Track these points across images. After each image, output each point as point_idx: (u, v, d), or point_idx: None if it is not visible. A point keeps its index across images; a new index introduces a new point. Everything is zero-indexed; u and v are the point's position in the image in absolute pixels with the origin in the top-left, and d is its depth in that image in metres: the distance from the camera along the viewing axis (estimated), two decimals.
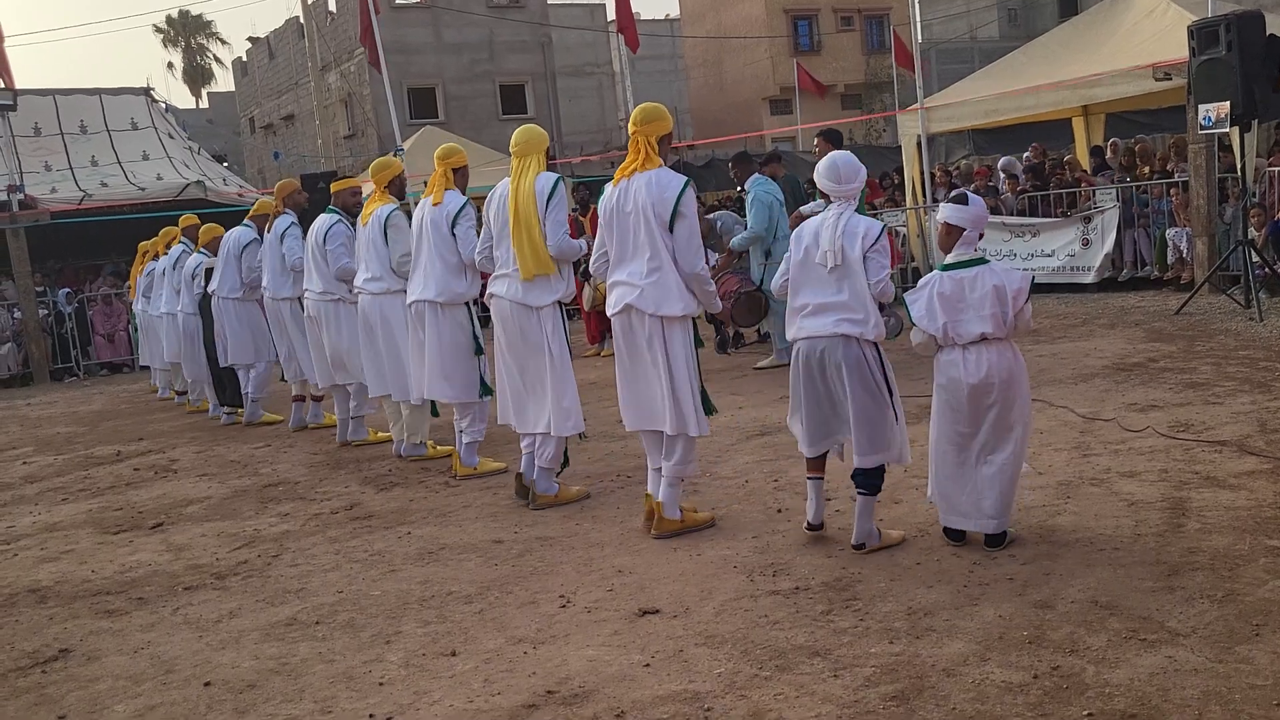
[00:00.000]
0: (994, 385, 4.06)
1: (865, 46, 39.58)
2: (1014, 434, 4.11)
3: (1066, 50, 13.26)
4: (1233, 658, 3.07)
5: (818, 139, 8.75)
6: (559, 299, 5.39)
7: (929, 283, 4.17)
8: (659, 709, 3.12)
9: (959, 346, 4.10)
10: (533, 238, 5.23)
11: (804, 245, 4.33)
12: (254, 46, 40.99)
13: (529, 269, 5.27)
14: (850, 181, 4.32)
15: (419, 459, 7.00)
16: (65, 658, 4.04)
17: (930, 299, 4.12)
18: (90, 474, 7.84)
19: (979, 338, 4.07)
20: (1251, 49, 8.83)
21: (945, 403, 4.18)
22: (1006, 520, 4.15)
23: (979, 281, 4.06)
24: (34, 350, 15.21)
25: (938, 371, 4.20)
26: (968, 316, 4.07)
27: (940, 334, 4.11)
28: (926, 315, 4.12)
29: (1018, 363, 4.14)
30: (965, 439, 4.14)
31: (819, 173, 4.41)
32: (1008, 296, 4.04)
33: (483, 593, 4.29)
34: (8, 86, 15.40)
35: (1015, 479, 4.15)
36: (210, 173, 18.74)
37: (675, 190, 4.61)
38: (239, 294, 8.98)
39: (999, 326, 4.05)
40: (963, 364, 4.09)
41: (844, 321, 4.20)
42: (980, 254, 4.16)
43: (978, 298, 4.05)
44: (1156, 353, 7.95)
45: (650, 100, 5.29)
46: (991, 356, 4.07)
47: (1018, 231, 12.50)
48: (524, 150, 5.36)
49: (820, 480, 4.48)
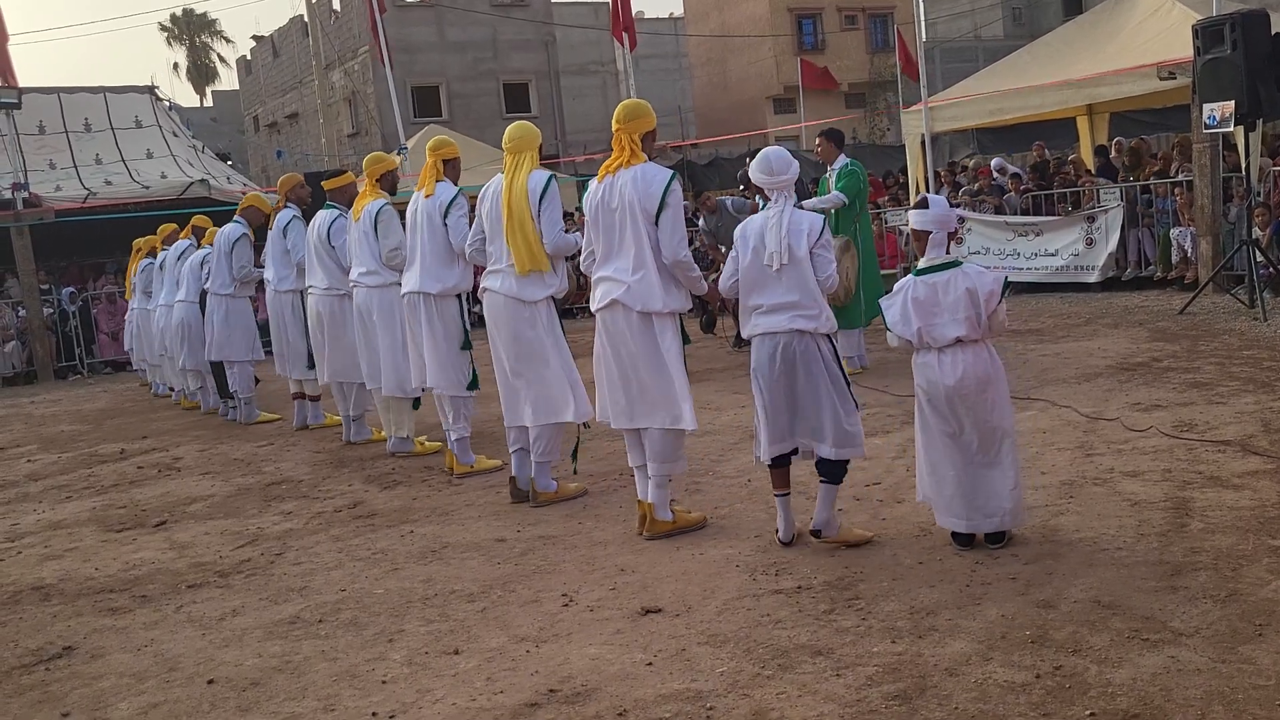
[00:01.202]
0: (970, 388, 4.05)
1: (869, 45, 39.53)
2: (998, 434, 4.09)
3: (1071, 49, 13.25)
4: (1236, 658, 3.07)
5: (819, 138, 8.72)
6: (553, 294, 5.42)
7: (903, 288, 4.18)
8: (661, 708, 3.12)
9: (934, 350, 4.10)
10: (526, 234, 5.26)
11: (751, 245, 4.37)
12: (258, 45, 41.07)
13: (524, 264, 5.30)
14: (783, 173, 4.36)
15: (407, 455, 7.10)
16: (69, 655, 4.05)
17: (905, 304, 4.12)
18: (94, 472, 7.85)
19: (954, 341, 4.06)
20: (1256, 48, 8.81)
21: (927, 404, 4.18)
22: (1010, 520, 4.13)
23: (952, 285, 4.05)
24: (38, 348, 15.24)
25: (916, 374, 4.21)
26: (942, 320, 4.06)
27: (915, 339, 4.11)
28: (901, 320, 4.14)
29: (994, 364, 4.12)
30: (954, 438, 4.13)
31: (753, 170, 4.47)
32: (980, 299, 4.02)
33: (485, 591, 4.30)
34: (12, 85, 15.43)
35: (1016, 478, 4.12)
36: (214, 171, 18.76)
37: (661, 183, 4.62)
38: (230, 290, 9.04)
39: (973, 329, 4.04)
40: (938, 366, 4.09)
41: (798, 318, 4.26)
42: (953, 256, 4.16)
43: (951, 301, 4.04)
44: (1160, 352, 7.94)
45: (654, 98, 5.30)
46: (967, 359, 4.06)
47: (1021, 231, 12.48)
48: (517, 147, 5.38)
49: (787, 496, 4.48)
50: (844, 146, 8.64)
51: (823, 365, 4.29)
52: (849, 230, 8.24)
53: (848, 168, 8.33)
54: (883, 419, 6.63)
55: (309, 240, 7.61)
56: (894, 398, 7.17)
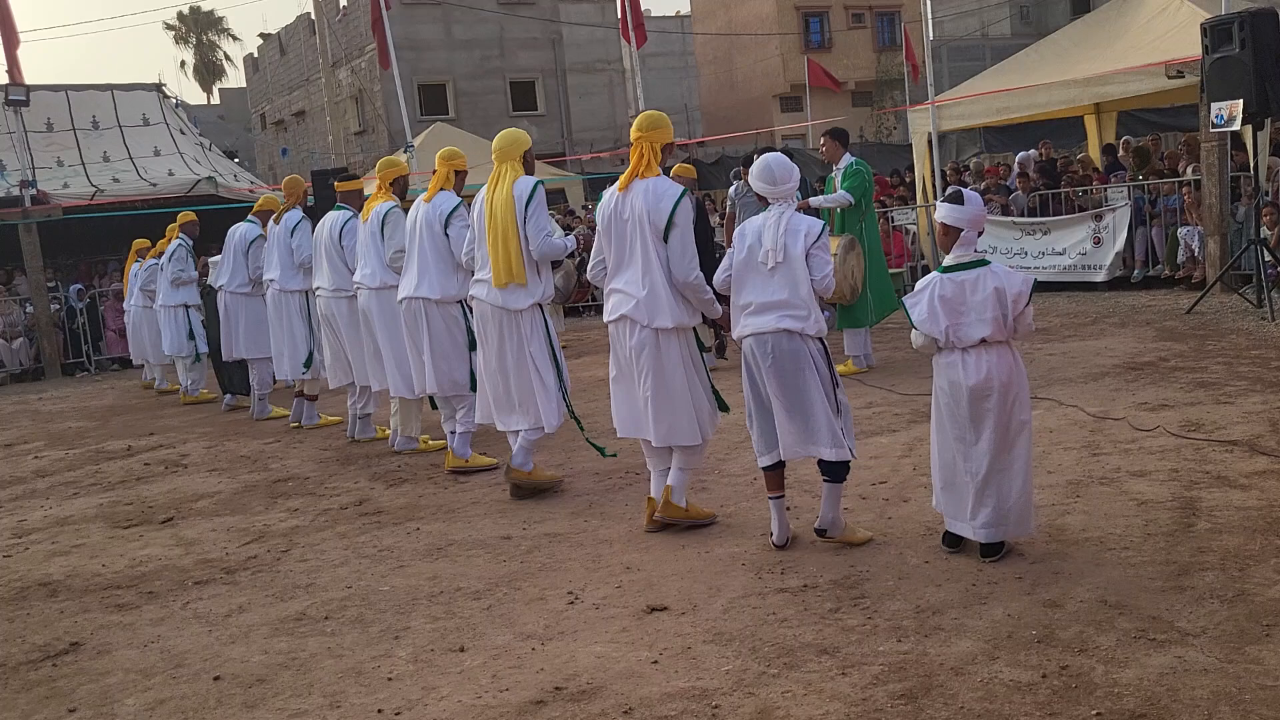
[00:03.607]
0: (994, 388, 4.00)
1: (876, 43, 39.47)
2: (1016, 437, 4.03)
3: (1078, 47, 13.20)
4: (1243, 658, 3.06)
5: (824, 137, 8.70)
6: (537, 301, 5.46)
7: (929, 285, 4.11)
8: (667, 706, 3.12)
9: (959, 349, 4.06)
10: (508, 245, 5.30)
11: (747, 244, 4.36)
12: (265, 43, 41.10)
13: (500, 277, 5.36)
14: (785, 182, 4.35)
15: (412, 453, 7.14)
16: (76, 651, 4.06)
17: (931, 302, 4.06)
18: (101, 468, 7.87)
19: (979, 341, 4.02)
20: (1265, 47, 8.78)
21: (945, 406, 4.12)
22: (1014, 529, 4.04)
23: (980, 284, 3.99)
24: (45, 345, 15.27)
25: (937, 374, 4.16)
26: (969, 320, 4.01)
27: (943, 338, 4.07)
28: (929, 319, 4.06)
29: (1018, 366, 4.08)
30: (967, 445, 4.05)
31: (754, 176, 4.44)
32: (1008, 299, 3.97)
33: (491, 589, 4.30)
34: (20, 82, 15.46)
35: (1025, 487, 4.03)
36: (221, 168, 18.80)
37: (671, 200, 4.61)
38: (247, 289, 9.16)
39: (999, 330, 3.99)
40: (962, 366, 4.04)
41: (786, 318, 4.23)
42: (981, 254, 4.11)
43: (979, 301, 3.99)
44: (1167, 352, 7.92)
45: (660, 97, 5.32)
46: (991, 359, 4.01)
47: (1029, 230, 12.46)
48: (501, 156, 5.43)
49: (781, 499, 4.46)
50: (849, 145, 8.63)
51: (813, 366, 4.25)
52: (854, 229, 8.23)
53: (853, 167, 8.32)
54: (889, 418, 6.63)
55: (319, 240, 7.63)
56: (901, 396, 7.16)
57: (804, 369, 4.24)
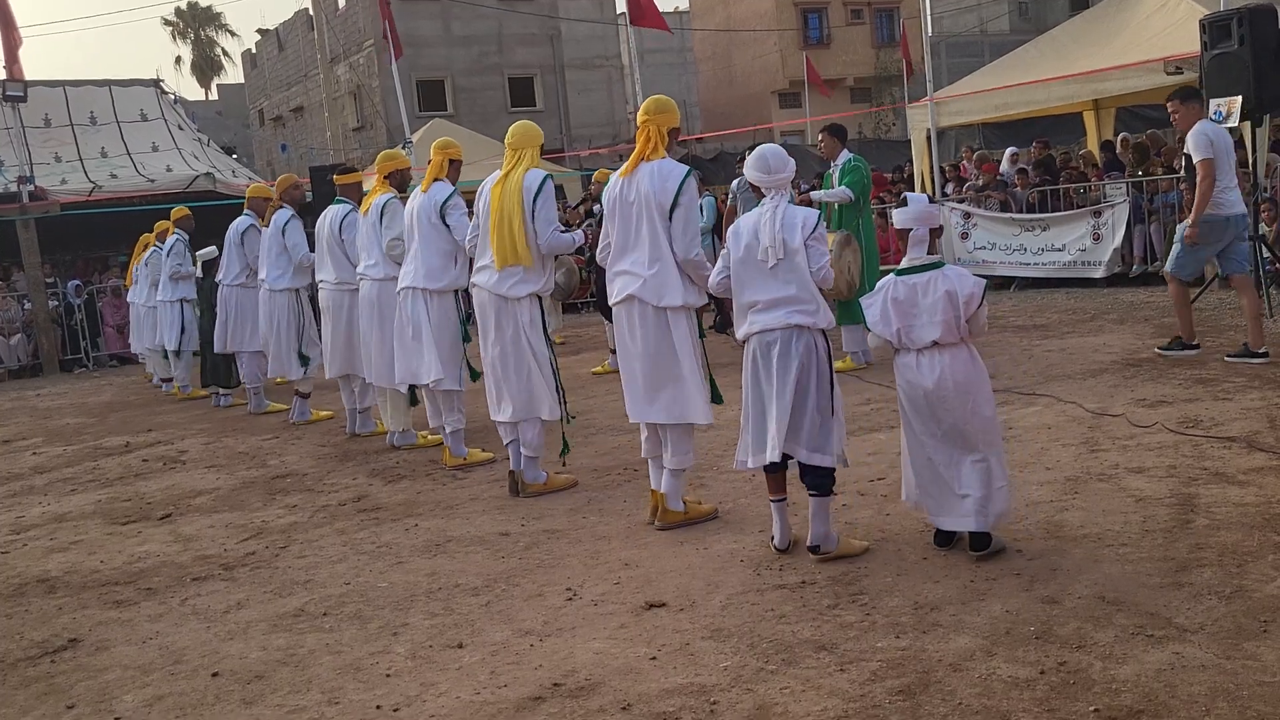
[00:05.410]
0: (949, 391, 3.97)
1: (875, 40, 39.44)
2: (979, 437, 3.99)
3: (1077, 44, 13.20)
4: (1240, 654, 3.06)
5: (822, 134, 8.70)
6: (536, 291, 5.46)
7: (884, 287, 4.10)
8: (665, 702, 3.12)
9: (913, 351, 4.04)
10: (512, 229, 5.31)
11: (744, 242, 4.30)
12: (263, 38, 41.05)
13: (504, 258, 5.35)
14: (780, 171, 4.31)
15: (410, 448, 7.15)
16: (74, 647, 4.06)
17: (884, 304, 4.05)
18: (99, 465, 7.87)
19: (932, 344, 4.00)
20: (1264, 43, 8.77)
21: (908, 405, 4.11)
22: (991, 519, 3.98)
23: (932, 286, 3.97)
24: (43, 341, 15.25)
25: (897, 374, 4.14)
26: (920, 322, 3.99)
27: (895, 340, 4.06)
28: (881, 321, 4.07)
29: (975, 367, 4.04)
30: (936, 440, 4.04)
31: (749, 168, 4.40)
32: (960, 301, 3.94)
33: (489, 585, 4.30)
34: (18, 78, 15.43)
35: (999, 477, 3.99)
36: (219, 164, 18.77)
37: (677, 179, 4.65)
38: (243, 280, 9.21)
39: (950, 332, 3.96)
40: (917, 368, 4.03)
41: (796, 313, 4.17)
42: (936, 257, 4.08)
43: (930, 303, 3.97)
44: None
45: (659, 93, 5.31)
46: (945, 361, 3.99)
47: (1028, 226, 12.46)
48: (519, 144, 5.44)
49: (784, 502, 4.36)
50: (848, 142, 8.63)
51: (817, 364, 4.19)
52: (852, 225, 8.23)
53: (851, 163, 8.33)
54: (887, 414, 6.63)
55: (320, 234, 7.65)
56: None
57: (811, 366, 4.19)
